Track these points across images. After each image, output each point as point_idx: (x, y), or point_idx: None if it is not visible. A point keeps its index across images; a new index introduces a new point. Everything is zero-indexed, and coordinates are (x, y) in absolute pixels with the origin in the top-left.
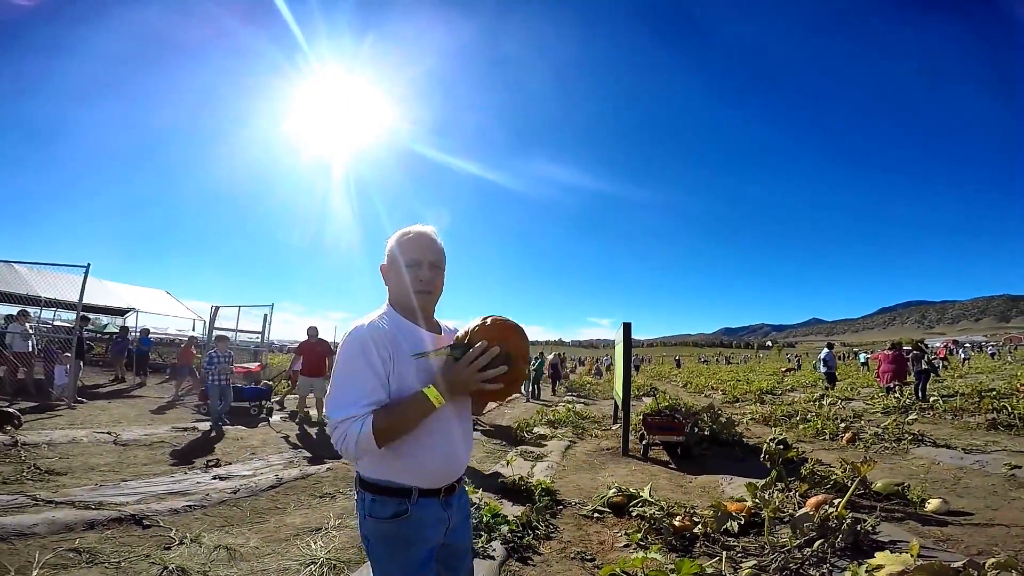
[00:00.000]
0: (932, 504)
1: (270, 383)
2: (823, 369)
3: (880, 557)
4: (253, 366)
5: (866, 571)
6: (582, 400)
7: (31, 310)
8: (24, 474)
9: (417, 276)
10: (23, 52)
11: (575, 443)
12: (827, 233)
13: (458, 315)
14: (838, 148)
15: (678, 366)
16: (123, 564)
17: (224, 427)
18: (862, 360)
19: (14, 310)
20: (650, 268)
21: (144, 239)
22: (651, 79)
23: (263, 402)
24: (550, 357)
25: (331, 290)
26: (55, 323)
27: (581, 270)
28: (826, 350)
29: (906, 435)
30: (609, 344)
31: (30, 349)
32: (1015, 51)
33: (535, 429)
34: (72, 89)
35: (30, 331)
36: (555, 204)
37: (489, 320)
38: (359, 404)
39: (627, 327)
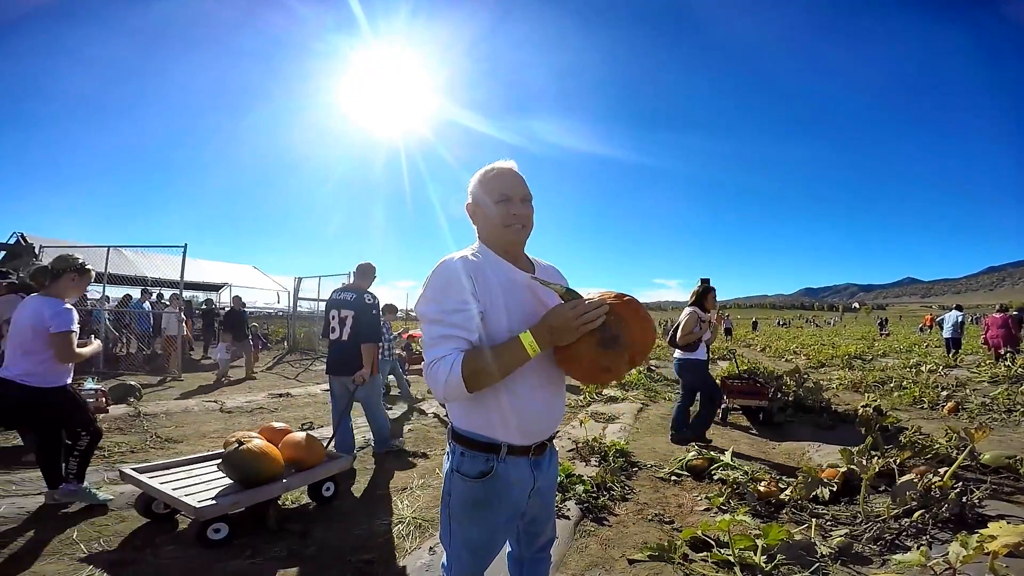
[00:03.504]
0: None
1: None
2: (949, 334)
3: (994, 527)
4: (416, 332)
5: (977, 540)
6: (653, 363)
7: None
8: (147, 442)
9: (510, 211)
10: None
11: (647, 406)
12: (925, 185)
13: None
14: (942, 97)
15: (754, 329)
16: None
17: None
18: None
19: (125, 291)
20: (722, 225)
21: (231, 219)
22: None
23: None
24: None
25: (397, 260)
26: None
27: (646, 229)
28: (956, 312)
29: (1018, 406)
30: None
31: (183, 332)
32: None
33: (605, 391)
34: (146, 74)
35: (182, 315)
36: (615, 160)
37: (627, 297)
38: (448, 343)
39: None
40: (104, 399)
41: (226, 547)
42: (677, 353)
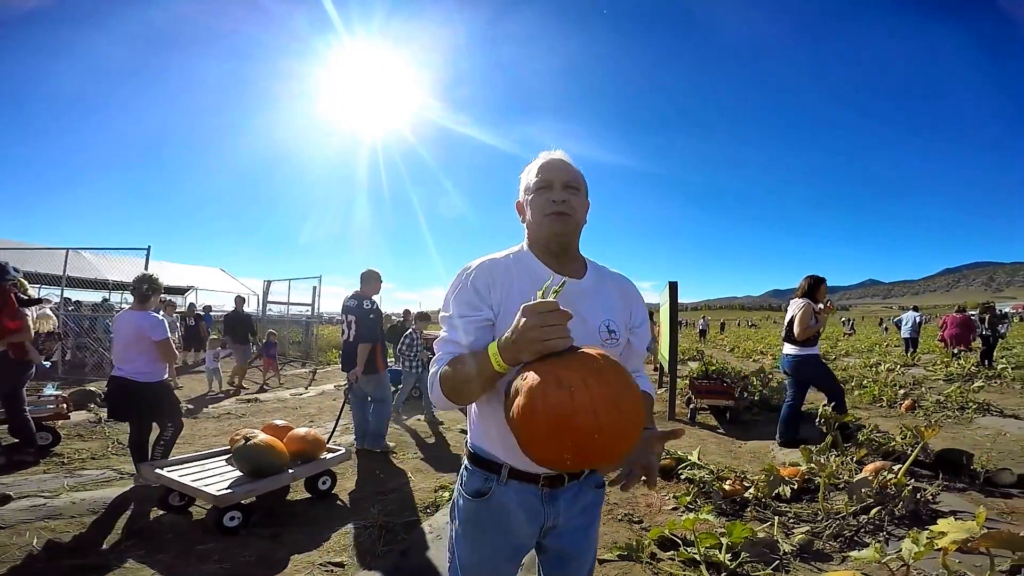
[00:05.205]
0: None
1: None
2: (907, 334)
3: (943, 524)
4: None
5: (928, 537)
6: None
7: (101, 294)
8: (109, 449)
9: (549, 198)
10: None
11: None
12: (885, 189)
13: None
14: (906, 103)
15: (721, 330)
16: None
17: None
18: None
19: (93, 296)
20: (691, 227)
21: (198, 220)
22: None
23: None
24: None
25: (390, 265)
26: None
27: (619, 231)
28: (913, 313)
29: (970, 403)
30: (651, 307)
31: (178, 340)
32: None
33: None
34: (113, 75)
35: (177, 322)
36: (591, 160)
37: (603, 358)
38: (446, 347)
39: (673, 286)
40: (65, 405)
41: (195, 553)
42: (790, 349)
